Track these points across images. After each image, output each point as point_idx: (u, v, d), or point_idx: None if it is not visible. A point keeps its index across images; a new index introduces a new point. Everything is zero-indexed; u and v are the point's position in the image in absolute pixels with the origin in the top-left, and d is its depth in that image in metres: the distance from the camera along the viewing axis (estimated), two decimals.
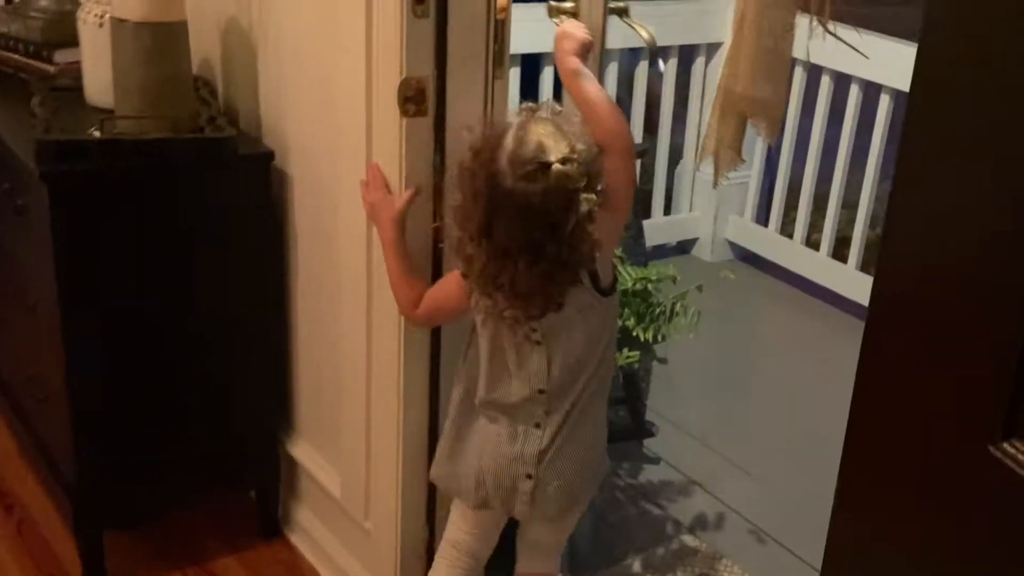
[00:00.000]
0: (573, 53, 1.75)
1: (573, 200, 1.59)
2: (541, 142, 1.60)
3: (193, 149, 2.09)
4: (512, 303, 1.66)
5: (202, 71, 2.38)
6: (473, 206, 1.64)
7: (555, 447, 1.80)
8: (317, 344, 2.29)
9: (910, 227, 1.12)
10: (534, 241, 1.61)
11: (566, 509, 1.89)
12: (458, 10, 1.78)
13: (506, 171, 1.60)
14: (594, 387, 1.81)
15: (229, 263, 2.20)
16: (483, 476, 1.83)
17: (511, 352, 1.76)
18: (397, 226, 1.84)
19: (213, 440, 2.32)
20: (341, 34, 1.90)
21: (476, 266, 1.67)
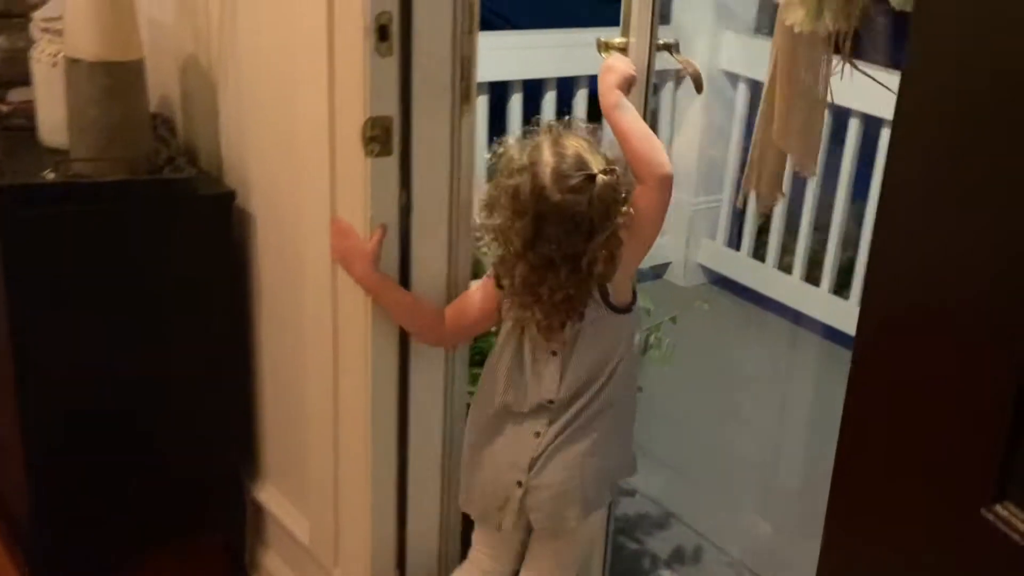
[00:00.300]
0: (615, 87, 1.80)
1: (611, 211, 1.68)
2: (580, 155, 1.68)
3: (151, 191, 2.04)
4: (548, 312, 1.73)
5: (161, 108, 2.32)
6: (518, 222, 1.69)
7: (546, 455, 1.82)
8: (282, 387, 2.24)
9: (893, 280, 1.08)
10: (576, 251, 1.68)
11: (557, 522, 1.86)
12: (423, 47, 1.74)
13: (552, 186, 1.67)
14: (601, 402, 1.83)
15: (191, 306, 2.15)
16: (483, 486, 1.87)
17: (529, 362, 1.81)
18: (375, 267, 1.81)
19: (176, 487, 2.25)
20: (303, 72, 1.85)
21: (517, 279, 1.73)
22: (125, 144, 2.01)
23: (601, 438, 1.86)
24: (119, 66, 1.97)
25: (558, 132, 1.74)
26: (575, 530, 1.91)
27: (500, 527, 1.89)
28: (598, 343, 1.80)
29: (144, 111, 2.06)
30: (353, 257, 1.82)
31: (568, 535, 1.92)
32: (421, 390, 1.94)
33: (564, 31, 3.77)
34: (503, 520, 1.87)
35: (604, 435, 1.86)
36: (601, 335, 1.80)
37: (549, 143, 1.71)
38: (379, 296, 1.83)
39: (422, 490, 2.03)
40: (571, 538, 1.94)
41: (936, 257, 1.04)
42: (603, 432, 1.86)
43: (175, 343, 2.15)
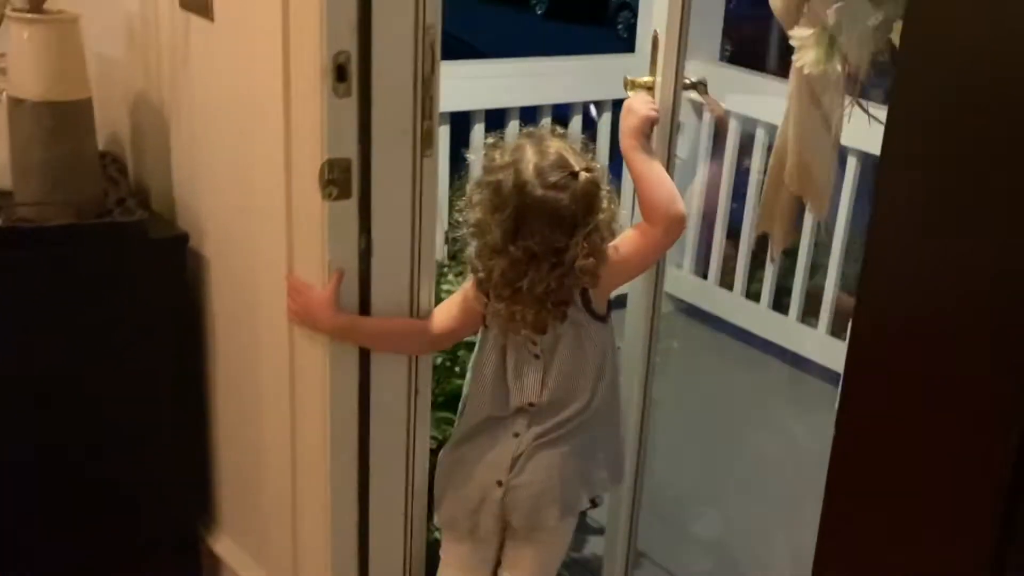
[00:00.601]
0: (636, 128, 1.85)
1: (594, 205, 1.74)
2: (563, 154, 1.74)
3: (100, 235, 1.96)
4: (528, 304, 1.75)
5: (110, 146, 2.25)
6: (497, 217, 1.73)
7: (526, 454, 1.85)
8: (239, 435, 2.17)
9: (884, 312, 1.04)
10: (559, 245, 1.72)
11: (535, 521, 1.87)
12: (383, 88, 1.68)
13: (534, 181, 1.71)
14: (586, 413, 1.85)
15: (142, 354, 2.07)
16: (459, 489, 1.89)
17: (511, 366, 1.84)
18: (336, 310, 1.75)
19: (129, 540, 2.17)
20: (258, 113, 1.79)
21: (495, 274, 1.75)
22: (72, 186, 1.93)
23: (583, 443, 1.88)
24: (65, 106, 1.89)
25: (540, 135, 1.79)
26: (552, 533, 1.91)
27: (474, 532, 1.90)
28: (580, 349, 1.83)
29: (92, 152, 1.98)
30: (313, 310, 1.76)
31: (545, 538, 1.92)
32: (383, 438, 1.88)
33: (528, 59, 3.73)
34: (480, 522, 1.88)
35: (586, 441, 1.88)
36: (582, 341, 1.82)
37: (532, 143, 1.76)
38: (354, 337, 1.79)
39: (385, 540, 1.97)
40: (548, 541, 1.94)
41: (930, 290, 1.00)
42: (585, 438, 1.88)
43: (126, 392, 2.08)
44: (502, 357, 1.85)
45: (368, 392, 1.84)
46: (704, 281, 4.00)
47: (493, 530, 1.91)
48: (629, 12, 10.76)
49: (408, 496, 1.96)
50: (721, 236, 3.91)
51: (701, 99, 2.07)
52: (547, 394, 1.84)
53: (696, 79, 2.07)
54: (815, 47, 1.67)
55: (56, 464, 2.04)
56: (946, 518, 1.01)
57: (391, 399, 1.87)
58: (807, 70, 1.70)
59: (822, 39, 1.66)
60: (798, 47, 1.72)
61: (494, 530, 1.92)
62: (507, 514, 1.88)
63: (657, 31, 1.97)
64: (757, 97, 3.60)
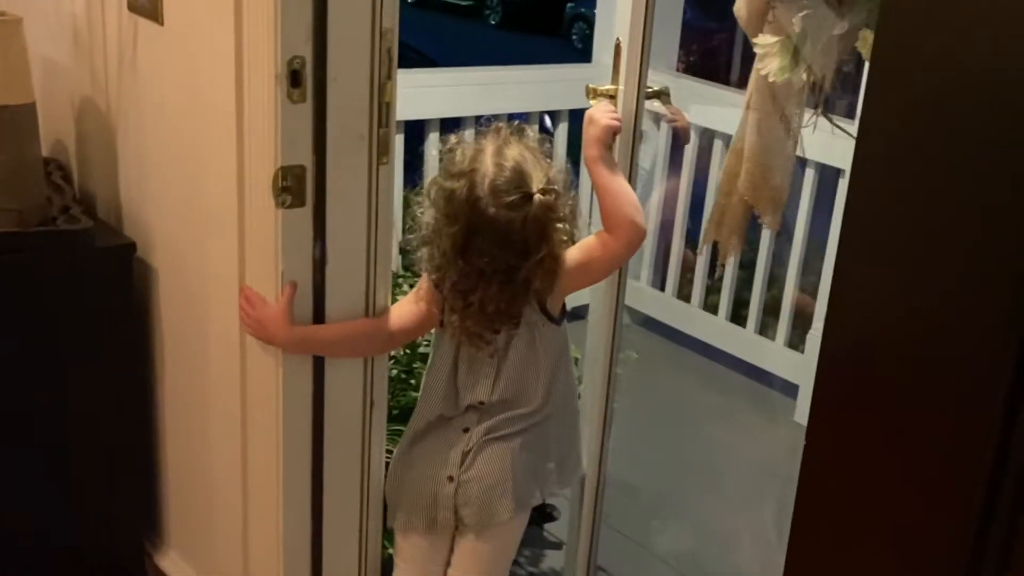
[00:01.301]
0: (597, 138, 1.84)
1: (547, 231, 1.72)
2: (522, 169, 1.70)
3: (44, 243, 1.90)
4: (478, 321, 1.75)
5: (54, 153, 2.20)
6: (449, 226, 1.72)
7: (476, 448, 1.84)
8: (187, 449, 2.13)
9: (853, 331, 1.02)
10: (509, 265, 1.72)
11: (487, 516, 1.85)
12: (338, 93, 1.64)
13: (488, 199, 1.69)
14: (537, 418, 1.85)
15: (88, 365, 2.03)
16: (411, 485, 1.87)
17: (463, 366, 1.84)
18: (291, 324, 1.72)
19: (73, 554, 2.13)
20: (210, 119, 1.75)
21: (448, 282, 1.75)
22: (14, 193, 1.87)
23: (534, 440, 1.87)
24: (6, 110, 1.84)
25: (505, 139, 1.75)
26: (503, 530, 1.89)
27: (429, 527, 1.88)
28: (532, 350, 1.82)
29: (35, 158, 1.93)
30: (268, 325, 1.73)
31: (495, 536, 1.89)
32: (338, 450, 1.85)
33: (483, 69, 3.71)
34: (437, 516, 1.86)
35: (538, 438, 1.88)
36: (535, 341, 1.82)
37: (492, 151, 1.72)
38: (309, 347, 1.76)
39: (339, 555, 1.93)
40: (498, 539, 1.91)
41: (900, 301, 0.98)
42: (537, 435, 1.87)
43: (70, 405, 2.03)
44: (455, 355, 1.84)
45: (322, 403, 1.80)
46: (662, 293, 3.99)
47: (450, 524, 1.89)
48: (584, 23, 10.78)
49: (363, 510, 1.93)
50: (679, 248, 3.90)
51: (664, 109, 2.04)
52: (497, 393, 1.83)
53: (659, 88, 2.06)
54: (779, 55, 1.66)
55: None
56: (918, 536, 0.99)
57: (346, 411, 1.84)
58: (771, 78, 1.68)
59: (787, 47, 1.64)
60: (761, 55, 1.71)
61: (450, 524, 1.89)
62: (459, 509, 1.86)
63: (620, 39, 1.95)
64: (714, 108, 3.61)
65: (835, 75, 1.68)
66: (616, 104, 1.97)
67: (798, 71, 1.66)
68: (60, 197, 2.02)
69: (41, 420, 2.00)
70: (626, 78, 1.96)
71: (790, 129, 1.78)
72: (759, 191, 1.88)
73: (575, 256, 1.82)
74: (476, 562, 1.92)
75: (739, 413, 3.56)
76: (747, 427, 3.44)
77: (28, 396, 1.97)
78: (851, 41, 1.62)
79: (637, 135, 1.97)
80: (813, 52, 1.62)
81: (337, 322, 1.76)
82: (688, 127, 2.16)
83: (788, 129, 1.78)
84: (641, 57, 1.94)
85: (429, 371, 1.90)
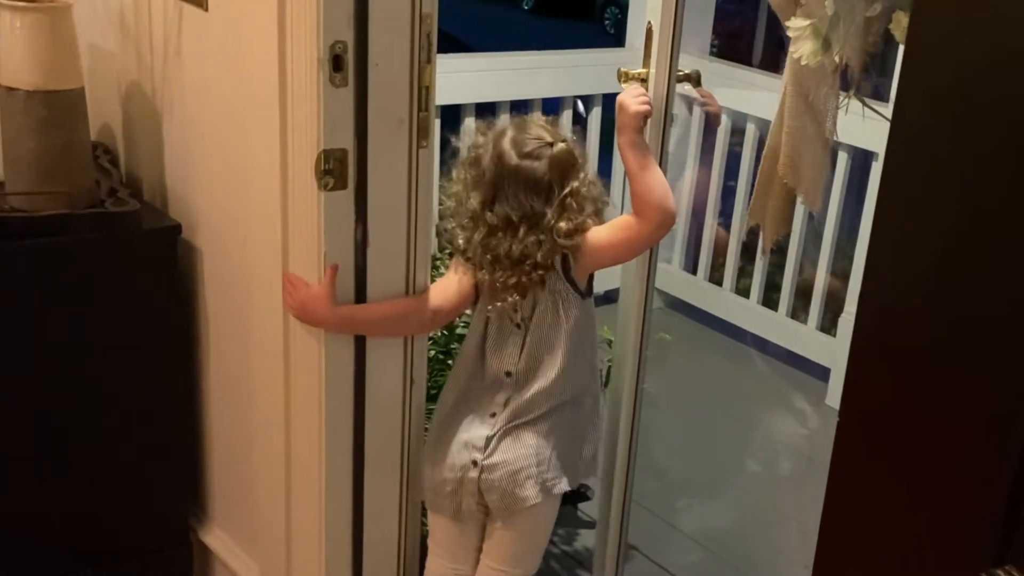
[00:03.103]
0: (628, 124, 1.87)
1: (568, 175, 1.82)
2: (539, 130, 1.84)
3: (92, 225, 1.93)
4: (507, 270, 1.82)
5: (101, 137, 2.23)
6: (475, 185, 1.84)
7: (500, 434, 1.86)
8: (231, 426, 2.16)
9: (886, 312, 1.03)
10: (534, 211, 1.81)
11: (512, 502, 1.87)
12: (379, 78, 1.67)
13: (510, 151, 1.81)
14: (559, 393, 1.88)
15: (133, 344, 2.06)
16: (439, 470, 1.90)
17: (493, 335, 1.89)
18: (334, 304, 1.76)
19: (119, 531, 2.16)
20: (253, 103, 1.78)
21: (475, 242, 1.83)
22: (64, 176, 1.91)
23: (558, 425, 1.89)
24: (58, 95, 1.87)
25: (524, 118, 1.91)
26: (531, 515, 1.90)
27: (455, 514, 1.91)
28: (556, 316, 1.86)
29: (84, 142, 1.97)
30: (311, 306, 1.76)
31: (524, 521, 1.91)
32: (378, 428, 1.88)
33: (517, 54, 3.72)
34: (462, 503, 1.89)
35: (563, 422, 1.90)
36: (559, 309, 1.86)
37: (514, 124, 1.87)
38: (353, 327, 1.80)
39: (379, 531, 1.97)
40: (528, 524, 1.93)
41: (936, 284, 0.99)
42: (562, 419, 1.90)
43: (116, 383, 2.06)
44: (484, 327, 1.89)
45: (363, 382, 1.84)
46: (693, 276, 4.00)
47: (475, 511, 1.91)
48: (616, 7, 10.74)
49: (403, 486, 1.96)
50: (711, 231, 3.91)
51: (695, 92, 2.06)
52: (523, 361, 1.87)
53: (689, 71, 2.07)
54: (812, 38, 1.66)
55: (46, 453, 2.02)
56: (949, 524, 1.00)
57: (387, 389, 1.87)
58: (804, 61, 1.69)
59: (819, 30, 1.65)
60: (794, 38, 1.71)
61: (476, 511, 1.92)
62: (484, 495, 1.89)
63: (651, 22, 1.96)
64: (747, 92, 3.61)
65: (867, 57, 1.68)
66: (647, 87, 1.98)
67: (830, 54, 1.67)
68: (107, 180, 2.06)
69: (87, 399, 2.04)
70: (657, 61, 1.97)
71: (825, 111, 1.78)
72: (798, 173, 1.88)
73: (603, 233, 1.87)
74: (505, 548, 1.95)
75: (771, 396, 3.57)
76: (779, 410, 3.45)
77: (74, 374, 2.01)
78: (884, 23, 1.62)
79: (668, 118, 1.98)
80: (845, 35, 1.63)
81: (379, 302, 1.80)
82: (719, 110, 2.17)
83: (823, 111, 1.79)
84: (672, 40, 1.94)
85: (461, 345, 1.97)
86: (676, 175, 3.94)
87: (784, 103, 1.86)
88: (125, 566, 2.19)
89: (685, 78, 2.05)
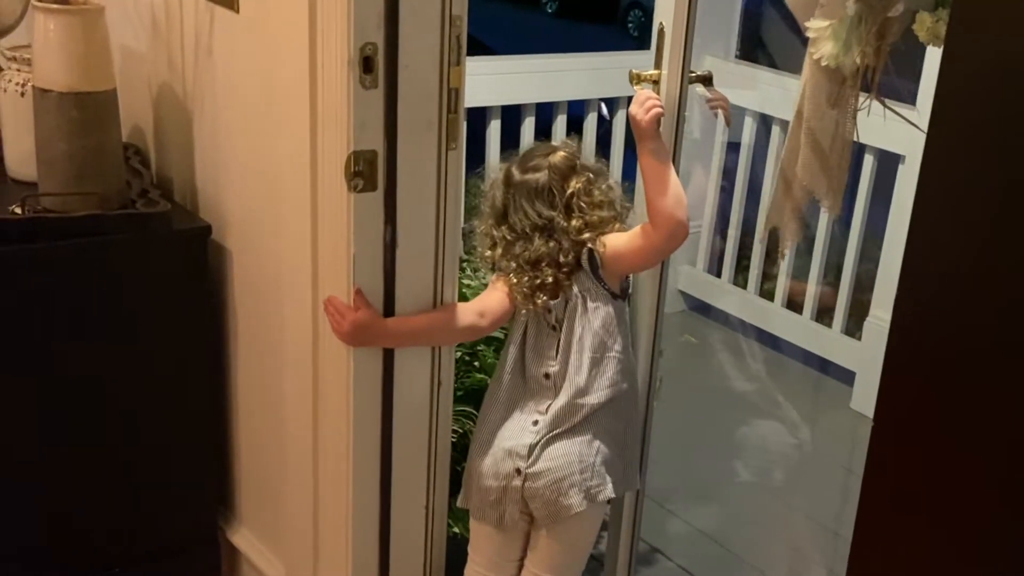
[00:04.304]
0: (642, 132, 1.86)
1: (569, 178, 1.88)
2: (542, 147, 1.94)
3: (123, 226, 1.94)
4: (531, 276, 1.87)
5: (133, 138, 2.24)
6: (490, 211, 1.94)
7: (543, 443, 1.88)
8: (259, 427, 2.16)
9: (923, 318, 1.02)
10: (543, 218, 1.87)
11: (556, 509, 1.88)
12: (409, 80, 1.67)
13: (514, 170, 1.91)
14: (598, 396, 1.89)
15: (163, 345, 2.07)
16: (482, 478, 1.92)
17: (531, 341, 1.92)
18: (383, 320, 1.78)
19: (147, 530, 2.17)
20: (283, 104, 1.78)
21: (498, 251, 1.91)
22: (96, 177, 1.92)
23: (600, 433, 1.91)
24: (90, 97, 1.88)
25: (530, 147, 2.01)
26: (576, 523, 1.91)
27: (499, 523, 1.93)
28: (591, 320, 1.89)
29: (116, 143, 1.98)
30: (364, 329, 1.76)
31: (568, 530, 1.92)
32: (406, 429, 1.88)
33: (542, 56, 3.72)
34: (505, 512, 1.91)
35: (603, 431, 1.91)
36: (594, 311, 1.89)
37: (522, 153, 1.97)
38: (406, 340, 1.82)
39: (406, 532, 1.97)
40: (572, 533, 1.94)
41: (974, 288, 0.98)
42: (601, 428, 1.91)
43: (146, 383, 2.07)
44: (523, 333, 1.93)
45: (391, 383, 1.84)
46: (717, 279, 3.99)
47: (519, 520, 1.93)
48: (640, 10, 10.72)
49: (430, 488, 1.96)
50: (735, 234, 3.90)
51: (707, 93, 2.03)
52: (560, 363, 1.89)
53: (702, 73, 2.04)
54: (832, 39, 1.65)
55: (76, 455, 2.03)
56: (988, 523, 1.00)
57: (414, 390, 1.87)
58: (824, 63, 1.68)
59: (840, 31, 1.63)
60: (814, 39, 1.70)
61: (520, 520, 1.93)
62: (528, 503, 1.90)
63: (663, 23, 1.94)
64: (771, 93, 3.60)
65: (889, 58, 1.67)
66: (659, 90, 1.95)
67: (851, 55, 1.65)
68: (139, 181, 2.07)
69: (117, 399, 2.05)
70: (669, 63, 1.94)
71: (845, 113, 1.77)
72: (817, 176, 1.87)
73: (621, 240, 1.89)
74: (551, 557, 1.96)
75: (794, 399, 3.56)
76: (803, 413, 3.43)
77: (104, 374, 2.02)
78: (906, 23, 1.60)
79: (681, 120, 1.96)
80: (867, 36, 1.61)
81: (407, 307, 1.80)
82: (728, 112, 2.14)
83: (843, 113, 1.77)
84: (685, 41, 1.92)
85: (501, 354, 1.99)
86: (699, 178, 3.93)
87: (802, 104, 1.85)
88: (153, 566, 2.20)
89: (698, 79, 2.02)
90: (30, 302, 1.90)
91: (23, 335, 1.92)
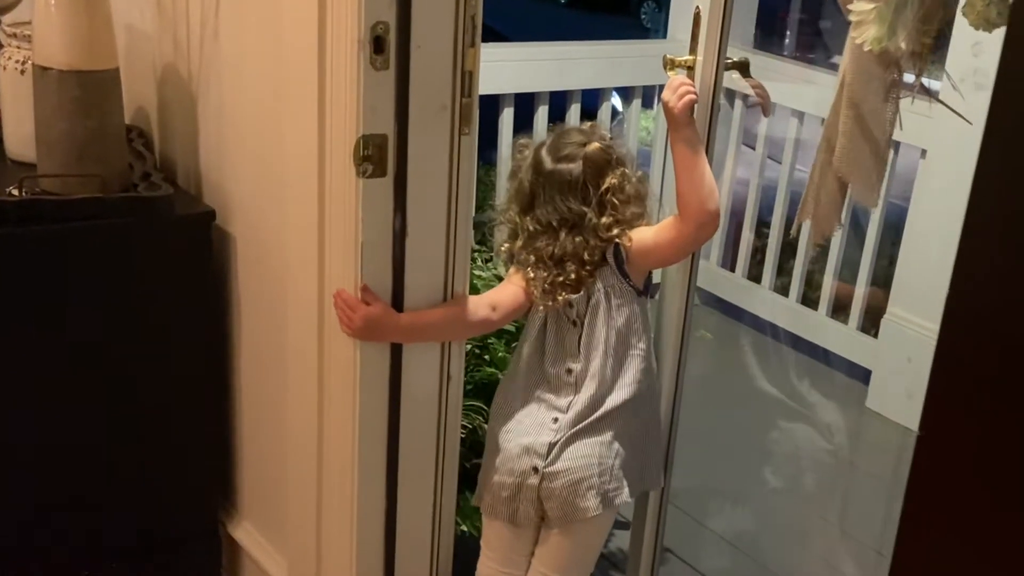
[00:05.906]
0: (674, 120, 1.81)
1: (604, 172, 1.82)
2: (577, 135, 1.86)
3: (124, 209, 1.89)
4: (553, 271, 1.83)
5: (136, 120, 2.20)
6: (516, 194, 1.87)
7: (563, 441, 1.84)
8: (262, 418, 2.12)
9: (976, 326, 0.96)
10: (572, 212, 1.82)
11: (572, 511, 1.85)
12: (422, 61, 1.61)
13: (546, 157, 1.84)
14: (625, 396, 1.86)
15: (165, 332, 2.02)
16: (498, 473, 1.88)
17: (551, 336, 1.88)
18: (395, 313, 1.73)
19: (148, 522, 2.13)
20: (291, 86, 1.73)
21: (518, 243, 1.87)
22: (97, 159, 1.87)
23: (620, 434, 1.87)
24: (92, 76, 1.83)
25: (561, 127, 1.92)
26: (588, 525, 1.88)
27: (511, 519, 1.89)
28: (614, 317, 1.85)
29: (118, 124, 1.92)
30: (375, 324, 1.71)
31: (580, 531, 1.89)
32: (413, 424, 1.83)
33: (556, 44, 3.68)
34: (518, 509, 1.87)
35: (623, 432, 1.88)
36: (617, 308, 1.85)
37: (552, 133, 1.91)
38: (418, 336, 1.77)
39: (412, 529, 1.92)
40: (583, 534, 1.91)
41: None
42: (622, 429, 1.87)
43: (147, 371, 2.03)
44: (541, 329, 1.88)
45: (399, 376, 1.79)
46: (732, 274, 3.94)
47: (532, 517, 1.89)
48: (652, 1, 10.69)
49: (438, 484, 1.92)
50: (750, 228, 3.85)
51: (745, 82, 1.98)
52: (582, 360, 1.85)
53: (738, 59, 2.00)
54: (876, 23, 1.58)
55: (75, 445, 1.99)
56: None
57: (423, 384, 1.83)
58: (867, 47, 1.61)
59: (885, 13, 1.56)
60: (856, 23, 1.63)
61: (533, 518, 1.89)
62: (544, 502, 1.86)
63: (699, 7, 1.90)
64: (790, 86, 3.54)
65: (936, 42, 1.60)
66: (693, 76, 1.91)
67: (895, 40, 1.58)
68: (141, 164, 2.02)
69: (118, 387, 2.00)
70: (705, 48, 1.90)
71: (886, 101, 1.71)
72: (854, 167, 1.81)
73: (649, 234, 1.84)
74: (559, 557, 1.92)
75: (809, 398, 3.51)
76: (817, 412, 3.39)
77: (106, 360, 1.97)
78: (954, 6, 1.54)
79: (715, 108, 1.92)
80: (913, 19, 1.54)
81: (416, 297, 1.75)
82: (768, 102, 2.09)
83: (884, 101, 1.71)
84: (722, 26, 1.88)
85: (519, 344, 1.95)
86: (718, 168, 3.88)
87: (841, 92, 1.78)
88: (153, 558, 2.17)
89: (734, 66, 1.98)
90: (27, 287, 1.85)
91: (19, 321, 1.87)
